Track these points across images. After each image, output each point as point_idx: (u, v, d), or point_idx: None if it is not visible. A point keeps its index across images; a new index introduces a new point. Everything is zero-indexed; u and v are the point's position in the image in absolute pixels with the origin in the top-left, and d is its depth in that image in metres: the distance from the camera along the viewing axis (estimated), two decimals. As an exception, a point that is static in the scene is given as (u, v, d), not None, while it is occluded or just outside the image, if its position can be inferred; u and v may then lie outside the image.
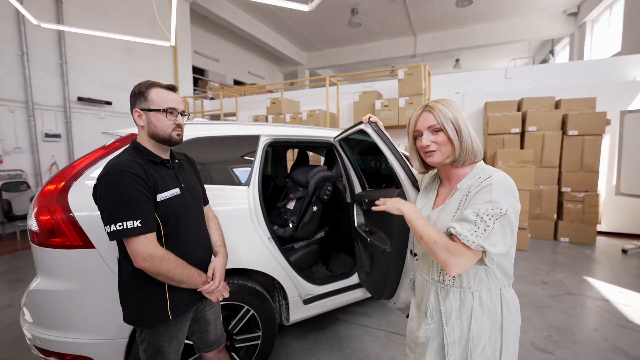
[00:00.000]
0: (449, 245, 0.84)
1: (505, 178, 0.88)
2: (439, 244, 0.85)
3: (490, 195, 0.84)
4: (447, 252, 0.83)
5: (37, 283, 1.40)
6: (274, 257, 1.83)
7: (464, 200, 0.92)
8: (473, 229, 0.82)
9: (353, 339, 2.25)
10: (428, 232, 0.88)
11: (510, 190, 0.86)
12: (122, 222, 1.01)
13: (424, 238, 0.88)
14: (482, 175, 0.92)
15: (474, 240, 0.81)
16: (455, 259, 0.83)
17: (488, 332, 0.91)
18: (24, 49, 5.22)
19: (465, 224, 0.83)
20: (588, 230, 4.38)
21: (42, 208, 1.36)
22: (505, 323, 0.92)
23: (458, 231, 0.83)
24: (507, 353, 0.92)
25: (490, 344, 0.91)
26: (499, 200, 0.83)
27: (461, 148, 0.93)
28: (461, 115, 0.95)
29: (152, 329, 1.15)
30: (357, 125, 1.58)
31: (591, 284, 3.17)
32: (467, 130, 0.94)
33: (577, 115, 4.35)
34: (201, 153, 1.80)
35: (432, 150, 0.97)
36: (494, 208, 0.82)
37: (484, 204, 0.83)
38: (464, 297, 0.94)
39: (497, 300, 0.93)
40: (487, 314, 0.92)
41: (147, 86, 1.16)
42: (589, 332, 2.33)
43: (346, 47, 12.87)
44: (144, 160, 1.12)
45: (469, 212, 0.84)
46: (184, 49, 8.33)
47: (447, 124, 0.93)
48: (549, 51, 11.24)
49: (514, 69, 5.74)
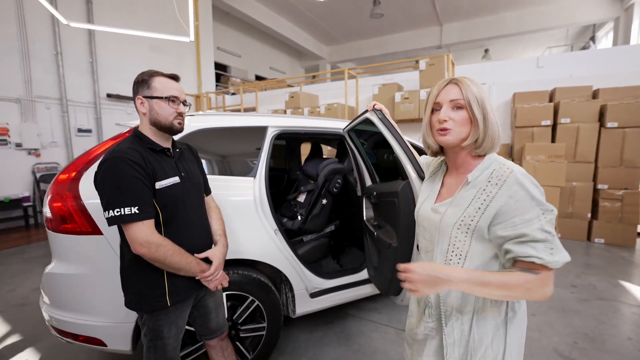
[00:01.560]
0: (543, 280, 0.72)
1: (524, 171, 0.79)
2: (534, 287, 0.73)
3: (533, 200, 0.74)
4: (544, 286, 0.73)
5: (52, 267, 1.47)
6: (280, 249, 1.81)
7: (484, 200, 0.80)
8: (548, 247, 0.72)
9: (362, 335, 2.21)
10: (513, 281, 0.73)
11: (535, 184, 0.77)
12: (120, 208, 1.02)
13: (510, 294, 0.76)
14: (497, 166, 0.82)
15: (559, 259, 0.72)
16: (550, 286, 0.73)
17: (490, 335, 0.84)
18: (58, 48, 5.54)
19: (537, 245, 0.73)
20: (627, 231, 4.03)
21: (55, 196, 1.42)
22: (510, 326, 0.84)
23: (546, 260, 0.71)
24: (510, 357, 0.84)
25: (492, 347, 0.84)
26: (541, 199, 0.75)
27: (486, 133, 0.83)
28: (488, 98, 0.86)
29: (151, 314, 1.17)
30: (363, 114, 1.52)
31: (628, 289, 2.91)
32: (493, 115, 0.84)
33: (618, 106, 3.98)
34: (208, 144, 1.82)
35: (447, 128, 0.85)
36: (544, 212, 0.74)
37: (533, 212, 0.74)
38: (466, 296, 0.86)
39: (502, 302, 0.84)
40: (491, 315, 0.84)
41: (151, 74, 1.17)
42: (622, 341, 2.14)
43: (368, 40, 12.61)
44: (143, 148, 1.13)
45: (530, 230, 0.73)
46: (206, 45, 8.51)
47: (474, 101, 0.83)
48: (590, 38, 10.39)
49: (546, 57, 5.35)
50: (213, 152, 1.85)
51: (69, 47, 5.75)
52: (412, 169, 1.30)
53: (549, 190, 3.90)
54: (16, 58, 5.13)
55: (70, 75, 5.80)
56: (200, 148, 1.76)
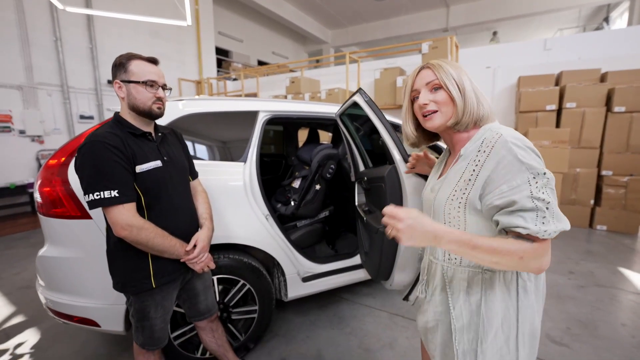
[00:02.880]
0: (537, 250, 0.67)
1: (516, 134, 0.74)
2: (526, 257, 0.67)
3: (521, 164, 0.69)
4: (538, 257, 0.68)
5: (45, 250, 1.50)
6: (270, 234, 1.82)
7: (474, 170, 0.77)
8: (540, 216, 0.67)
9: (354, 318, 2.24)
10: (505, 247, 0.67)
11: (527, 147, 0.71)
12: (100, 192, 1.03)
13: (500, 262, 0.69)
14: (488, 136, 0.78)
15: (552, 229, 0.66)
16: (546, 257, 0.68)
17: (501, 317, 0.78)
18: (57, 34, 5.51)
19: (526, 214, 0.68)
20: (630, 218, 3.97)
21: (44, 181, 1.44)
22: (522, 307, 0.78)
23: (533, 230, 0.66)
24: (522, 341, 0.79)
25: (503, 330, 0.79)
26: (531, 162, 0.69)
27: (464, 108, 0.81)
28: (465, 74, 0.85)
29: (137, 295, 1.19)
30: (351, 97, 1.49)
31: (626, 276, 2.89)
32: (471, 88, 0.83)
33: (626, 89, 3.84)
34: (198, 129, 1.81)
35: (431, 111, 0.84)
36: (535, 176, 0.68)
37: (521, 177, 0.68)
38: (472, 276, 0.82)
39: (512, 279, 0.79)
40: (500, 296, 0.79)
41: (128, 58, 1.15)
42: (616, 327, 2.14)
43: (373, 23, 12.27)
44: (123, 132, 1.13)
45: (519, 197, 0.68)
46: (207, 30, 8.38)
47: (449, 79, 0.82)
48: (603, 19, 9.95)
49: (554, 39, 5.15)
50: (203, 137, 1.84)
51: (68, 33, 5.71)
52: (397, 152, 1.28)
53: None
54: (16, 45, 5.11)
55: (71, 61, 5.79)
56: (190, 133, 1.77)
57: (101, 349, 1.99)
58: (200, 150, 1.83)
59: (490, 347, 0.79)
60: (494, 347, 0.79)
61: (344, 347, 1.95)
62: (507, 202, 0.69)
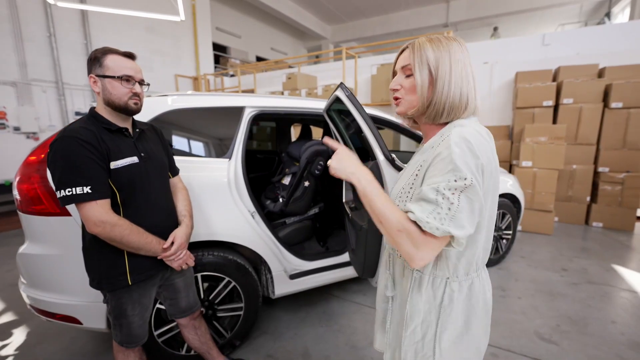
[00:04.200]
0: (414, 235, 0.66)
1: (465, 134, 0.68)
2: (403, 234, 0.67)
3: (451, 163, 0.65)
4: (412, 245, 0.67)
5: (25, 247, 1.49)
6: (256, 231, 1.81)
7: (421, 165, 0.75)
8: (435, 211, 0.65)
9: (343, 316, 2.23)
10: (390, 214, 0.68)
11: (469, 149, 0.66)
12: (72, 188, 1.01)
13: (383, 223, 0.69)
14: (445, 132, 0.74)
15: (437, 225, 0.64)
16: (421, 252, 0.67)
17: (422, 316, 0.81)
18: (51, 30, 5.47)
19: (425, 204, 0.66)
20: (626, 215, 3.94)
21: (22, 177, 1.42)
22: (443, 314, 0.79)
23: (418, 216, 0.65)
24: (439, 346, 0.79)
25: (421, 328, 0.81)
26: (462, 167, 0.65)
27: (431, 100, 0.75)
28: (450, 59, 0.74)
29: (113, 293, 1.18)
30: (334, 92, 1.46)
31: (620, 273, 2.87)
32: (448, 78, 0.73)
33: (623, 85, 3.80)
34: (182, 124, 1.78)
35: (397, 97, 0.81)
36: (456, 179, 0.64)
37: (444, 175, 0.66)
38: (405, 270, 0.86)
39: (439, 287, 0.79)
40: (425, 297, 0.80)
41: (104, 52, 1.13)
42: (605, 325, 2.12)
43: (372, 18, 12.18)
44: (97, 128, 1.11)
45: (427, 188, 0.67)
46: (203, 26, 8.32)
47: (420, 66, 0.74)
48: (605, 14, 9.82)
49: (552, 34, 5.09)
50: (188, 132, 1.82)
51: (62, 28, 5.67)
52: (379, 149, 1.26)
53: (547, 173, 3.80)
54: (9, 41, 5.08)
55: (65, 57, 5.75)
56: (176, 128, 1.75)
57: (89, 345, 1.99)
58: (186, 146, 1.81)
59: (409, 338, 0.83)
60: (412, 339, 0.82)
61: (331, 344, 1.94)
62: (419, 195, 0.69)
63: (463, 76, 0.75)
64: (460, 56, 0.75)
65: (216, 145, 1.84)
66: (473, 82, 0.77)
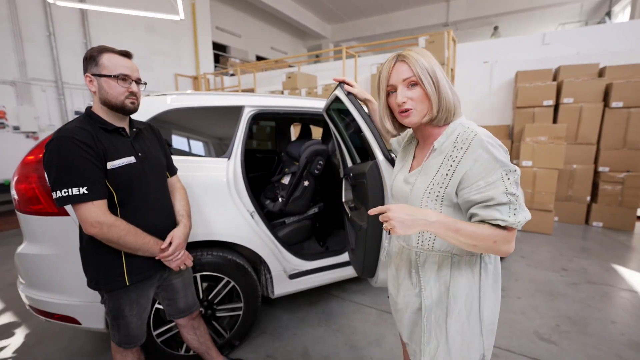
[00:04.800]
0: (507, 236, 0.75)
1: (489, 133, 0.80)
2: (499, 242, 0.75)
3: (497, 161, 0.75)
4: (507, 243, 0.76)
5: (23, 247, 1.49)
6: (255, 231, 1.80)
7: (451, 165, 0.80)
8: (512, 209, 0.74)
9: (343, 316, 2.22)
10: (481, 234, 0.75)
11: (497, 143, 0.78)
12: (68, 189, 1.01)
13: (478, 244, 0.76)
14: (462, 132, 0.81)
15: (521, 219, 0.74)
16: (513, 243, 0.77)
17: (465, 293, 0.87)
18: (50, 29, 5.46)
19: (502, 207, 0.74)
20: (626, 214, 3.93)
21: (20, 177, 1.41)
22: (483, 286, 0.88)
23: (510, 222, 0.74)
24: (481, 316, 0.88)
25: (465, 307, 0.87)
26: (504, 160, 0.75)
27: (439, 104, 0.82)
28: (438, 66, 0.84)
29: (110, 293, 1.18)
30: (333, 91, 1.46)
31: (620, 273, 2.87)
32: (445, 82, 0.83)
33: (624, 85, 3.79)
34: (181, 124, 1.78)
35: (408, 109, 0.85)
36: (507, 172, 0.75)
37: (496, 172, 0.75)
38: (442, 261, 0.88)
39: (476, 262, 0.88)
40: (465, 276, 0.87)
41: (99, 50, 1.12)
42: (605, 325, 2.12)
43: (372, 18, 12.15)
44: (94, 128, 1.10)
45: (495, 192, 0.74)
46: (203, 25, 8.30)
47: (424, 76, 0.81)
48: (606, 13, 9.79)
49: (552, 34, 5.08)
50: (187, 132, 1.81)
51: (62, 28, 5.66)
52: (378, 149, 1.25)
53: (547, 172, 3.80)
54: (9, 40, 5.07)
55: (65, 57, 5.74)
56: (175, 127, 1.74)
57: (88, 345, 1.99)
58: (184, 146, 1.80)
59: (454, 323, 0.87)
60: (458, 323, 0.87)
61: (330, 344, 1.94)
62: (485, 197, 0.75)
63: (446, 78, 0.85)
64: (437, 62, 0.85)
65: (215, 145, 1.84)
66: None
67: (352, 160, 2.04)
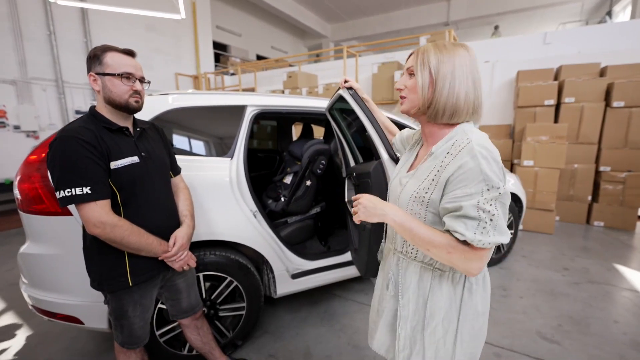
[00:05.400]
0: (466, 253, 0.71)
1: (485, 143, 0.74)
2: (454, 253, 0.71)
3: (481, 173, 0.69)
4: (466, 260, 0.71)
5: (26, 247, 1.48)
6: (258, 230, 1.80)
7: (438, 171, 0.77)
8: (480, 226, 0.69)
9: (345, 315, 2.22)
10: (437, 239, 0.72)
11: (491, 157, 0.71)
12: (71, 189, 1.00)
13: (431, 249, 0.73)
14: (459, 139, 0.77)
15: (487, 240, 0.69)
16: (475, 264, 0.72)
17: (443, 312, 0.84)
18: (50, 28, 5.44)
19: (468, 221, 0.70)
20: (627, 214, 3.93)
21: (23, 177, 1.41)
22: (464, 306, 0.84)
23: (469, 237, 0.69)
24: (460, 338, 0.84)
25: (442, 325, 0.84)
26: (490, 175, 0.69)
27: (432, 100, 0.78)
28: (450, 66, 0.77)
29: (113, 294, 1.17)
30: (337, 91, 1.45)
31: (621, 272, 2.87)
32: (450, 80, 0.77)
33: (625, 84, 3.78)
34: (185, 123, 1.77)
35: (403, 96, 0.87)
36: (489, 188, 0.69)
37: (477, 185, 0.69)
38: (423, 271, 0.87)
39: (459, 281, 0.84)
40: (447, 293, 0.84)
41: (103, 49, 1.12)
42: (608, 324, 2.12)
43: (372, 17, 12.14)
44: (97, 127, 1.10)
45: (467, 204, 0.69)
46: (204, 24, 8.29)
47: (422, 67, 0.79)
48: (606, 12, 9.78)
49: (554, 33, 5.07)
50: (190, 131, 1.81)
51: (62, 27, 5.65)
52: (383, 148, 1.25)
53: (548, 172, 3.80)
54: (9, 39, 5.06)
55: (65, 56, 5.73)
56: (177, 127, 1.74)
57: (90, 345, 1.99)
58: (187, 145, 1.80)
59: (429, 338, 0.85)
60: (432, 338, 0.85)
61: (333, 344, 1.94)
62: (455, 207, 0.72)
63: (468, 81, 0.78)
64: (465, 61, 0.78)
65: (218, 145, 1.83)
66: (480, 89, 0.80)
67: (354, 160, 2.03)
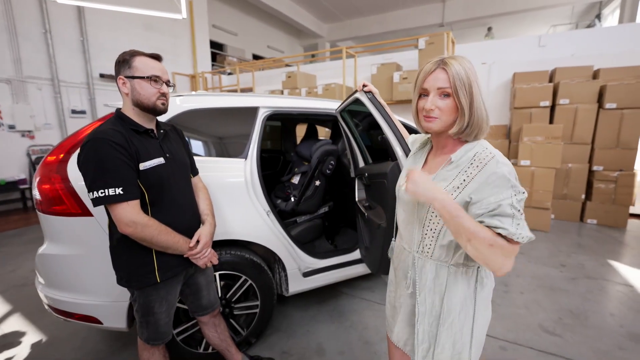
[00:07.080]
0: (505, 247, 0.74)
1: (504, 158, 0.82)
2: (494, 247, 0.73)
3: (509, 181, 0.77)
4: (503, 255, 0.74)
5: (44, 248, 1.49)
6: (272, 230, 1.83)
7: (464, 180, 0.82)
8: (516, 222, 0.75)
9: (354, 312, 2.27)
10: (480, 232, 0.74)
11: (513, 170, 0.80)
12: (104, 189, 1.03)
13: (472, 240, 0.74)
14: (480, 149, 0.83)
15: (524, 234, 0.75)
16: (509, 260, 0.75)
17: (459, 307, 0.89)
18: (46, 26, 5.37)
19: (505, 219, 0.75)
20: (619, 212, 4.07)
21: (43, 178, 1.42)
22: (478, 299, 0.90)
23: (511, 231, 0.74)
24: (475, 329, 0.90)
25: (459, 318, 0.89)
26: (516, 183, 0.77)
27: (470, 120, 0.82)
28: (476, 80, 0.83)
29: (141, 290, 1.20)
30: (353, 94, 1.50)
31: (615, 268, 2.98)
32: (479, 99, 0.82)
33: (617, 86, 3.92)
34: (198, 125, 1.80)
35: (433, 117, 0.85)
36: (516, 193, 0.76)
37: (507, 190, 0.76)
38: (439, 269, 0.91)
39: (472, 275, 0.90)
40: (462, 288, 0.89)
41: (132, 54, 1.15)
42: (605, 317, 2.21)
43: (369, 17, 12.21)
44: (126, 129, 1.12)
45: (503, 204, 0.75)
46: (201, 23, 8.25)
47: (461, 88, 0.80)
48: (595, 16, 10.06)
49: (548, 36, 5.20)
50: (204, 133, 1.83)
51: (58, 25, 5.57)
52: (400, 150, 1.30)
53: (544, 171, 3.91)
54: (4, 37, 4.98)
55: (61, 54, 5.66)
56: (190, 129, 1.76)
57: (101, 344, 2.00)
58: (201, 147, 1.82)
59: (446, 331, 0.89)
60: (450, 332, 0.89)
61: (344, 340, 1.98)
62: (492, 208, 0.77)
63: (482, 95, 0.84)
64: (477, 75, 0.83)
65: (231, 146, 1.86)
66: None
67: (364, 161, 2.08)
